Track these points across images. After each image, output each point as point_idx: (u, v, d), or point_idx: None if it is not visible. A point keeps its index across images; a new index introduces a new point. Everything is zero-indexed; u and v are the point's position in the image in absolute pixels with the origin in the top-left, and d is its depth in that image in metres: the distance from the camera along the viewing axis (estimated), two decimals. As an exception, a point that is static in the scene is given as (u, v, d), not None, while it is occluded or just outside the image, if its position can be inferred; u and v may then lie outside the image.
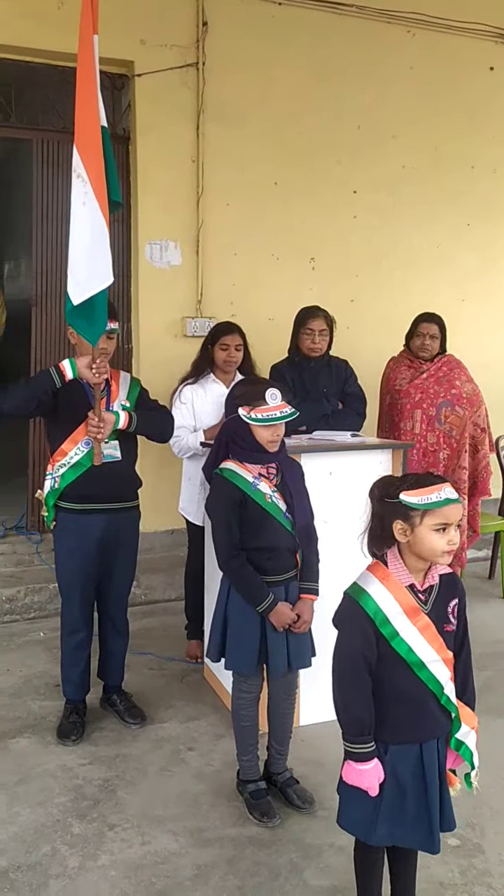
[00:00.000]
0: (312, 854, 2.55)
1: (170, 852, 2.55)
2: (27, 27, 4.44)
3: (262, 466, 2.68)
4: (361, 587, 2.03)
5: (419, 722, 2.01)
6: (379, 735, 2.00)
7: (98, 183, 2.91)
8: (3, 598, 4.49)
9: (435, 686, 2.00)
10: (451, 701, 2.04)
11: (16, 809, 2.75)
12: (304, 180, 5.20)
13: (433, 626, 2.00)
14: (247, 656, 2.69)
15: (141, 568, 4.90)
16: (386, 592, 2.00)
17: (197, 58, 4.80)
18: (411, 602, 1.99)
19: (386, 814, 1.99)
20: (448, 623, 2.04)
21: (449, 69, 5.54)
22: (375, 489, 2.05)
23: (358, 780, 1.97)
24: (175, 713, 3.46)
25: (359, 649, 1.99)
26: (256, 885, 2.41)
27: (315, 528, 2.79)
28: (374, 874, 2.17)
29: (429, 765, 2.00)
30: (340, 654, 2.04)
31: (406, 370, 4.40)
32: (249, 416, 2.59)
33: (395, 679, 1.99)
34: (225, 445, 2.73)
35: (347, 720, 2.01)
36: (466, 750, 2.07)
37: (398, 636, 1.98)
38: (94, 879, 2.42)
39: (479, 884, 2.45)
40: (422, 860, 2.50)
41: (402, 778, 2.00)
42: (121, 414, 3.12)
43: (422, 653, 1.98)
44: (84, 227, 2.94)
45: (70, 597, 3.26)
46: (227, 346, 3.83)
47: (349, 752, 2.00)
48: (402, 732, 2.00)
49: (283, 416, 2.60)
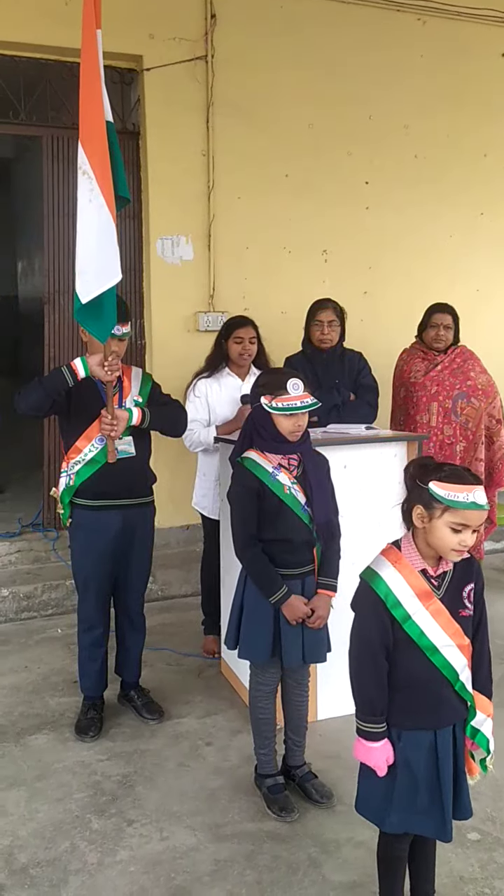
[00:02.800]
0: (331, 849, 2.55)
1: (188, 847, 2.56)
2: (35, 24, 4.43)
3: (283, 457, 2.66)
4: (374, 570, 2.03)
5: (433, 708, 2.00)
6: (393, 720, 2.00)
7: (104, 179, 2.90)
8: (21, 594, 4.51)
9: (449, 672, 1.99)
10: (467, 688, 2.02)
11: (35, 806, 2.77)
12: (315, 172, 5.17)
13: (446, 611, 1.99)
14: (259, 647, 2.68)
15: (157, 563, 4.90)
16: (398, 576, 1.99)
17: (206, 51, 4.77)
18: (423, 586, 1.98)
19: (399, 801, 1.99)
20: (464, 608, 2.02)
21: (460, 57, 5.47)
22: (411, 468, 2.04)
23: (366, 757, 1.99)
24: (192, 709, 3.46)
25: (373, 632, 1.99)
26: (274, 880, 2.41)
27: (339, 524, 2.77)
28: (398, 870, 2.16)
29: (442, 753, 2.00)
30: (356, 636, 2.05)
31: (420, 362, 4.36)
32: (271, 405, 2.58)
33: (408, 663, 1.99)
34: (249, 435, 2.72)
35: (360, 700, 2.03)
36: (482, 738, 2.06)
37: (410, 619, 1.97)
38: (114, 875, 2.43)
39: (499, 878, 2.43)
40: (442, 854, 2.50)
41: (415, 765, 2.00)
42: (133, 410, 3.12)
43: (434, 637, 1.97)
44: (91, 225, 2.93)
45: (86, 593, 3.27)
46: (241, 340, 3.82)
47: (360, 728, 2.01)
48: (415, 718, 2.00)
49: (304, 406, 2.58)
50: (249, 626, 2.71)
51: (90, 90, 2.95)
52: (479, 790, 2.84)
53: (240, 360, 3.86)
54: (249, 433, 2.73)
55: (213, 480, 3.85)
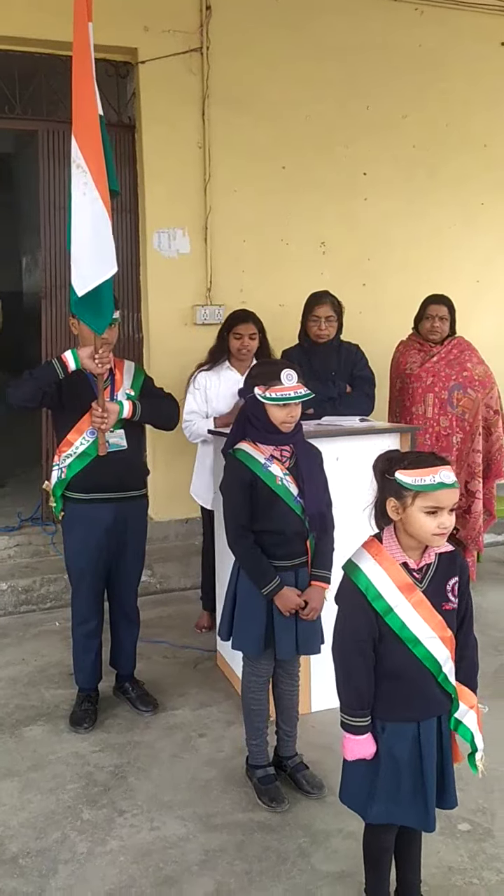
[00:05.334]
0: (321, 839, 2.55)
1: (178, 837, 2.57)
2: (29, 18, 4.42)
3: (276, 448, 2.66)
4: (355, 563, 2.03)
5: (416, 700, 2.00)
6: (377, 712, 2.00)
7: (98, 172, 2.90)
8: (20, 588, 4.54)
9: (432, 664, 1.99)
10: (450, 680, 2.02)
11: (28, 796, 2.78)
12: (312, 164, 5.14)
13: (429, 604, 1.98)
14: (252, 638, 2.69)
15: (156, 557, 4.95)
16: (378, 568, 1.99)
17: (201, 43, 4.76)
18: (405, 578, 1.98)
19: (382, 792, 2.00)
20: (447, 602, 2.02)
21: (459, 46, 5.43)
22: (378, 463, 2.04)
23: (352, 752, 2.00)
24: (187, 700, 3.47)
25: (356, 624, 1.99)
26: (264, 869, 2.42)
27: (332, 516, 2.76)
28: (384, 860, 2.17)
29: (426, 744, 1.99)
30: (339, 629, 2.06)
31: (416, 354, 4.35)
32: (264, 395, 2.58)
33: (391, 656, 1.99)
34: (242, 426, 2.72)
35: (346, 694, 2.02)
36: (465, 730, 2.05)
37: (392, 612, 1.97)
38: (103, 865, 2.44)
39: (488, 868, 2.43)
40: (432, 845, 2.51)
41: (398, 756, 2.00)
42: (125, 403, 3.12)
43: (416, 629, 1.97)
44: (85, 217, 2.93)
45: (80, 586, 3.28)
46: (240, 336, 3.82)
47: (346, 723, 2.01)
48: (399, 710, 2.00)
49: (297, 397, 2.59)
50: (242, 617, 2.72)
51: (83, 84, 2.94)
52: (470, 781, 2.85)
53: (239, 355, 3.87)
54: (242, 424, 2.73)
55: (210, 470, 3.86)
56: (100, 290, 2.93)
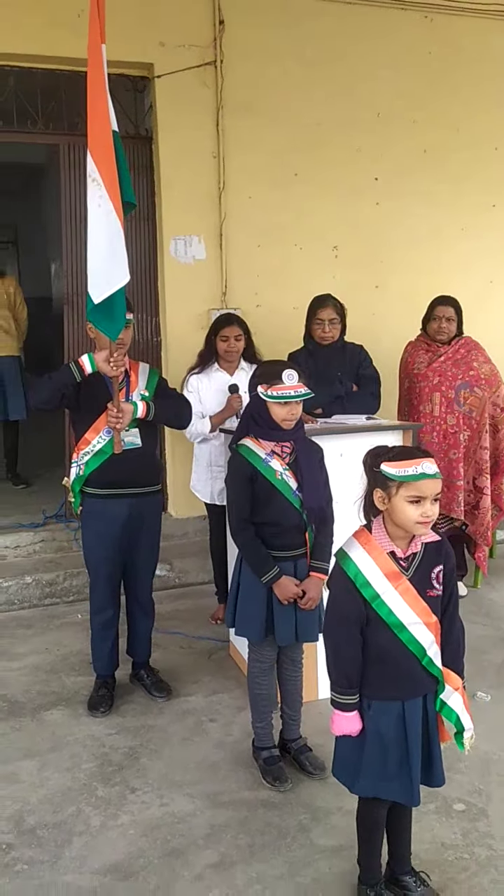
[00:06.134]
0: (321, 816, 2.68)
1: (186, 813, 2.72)
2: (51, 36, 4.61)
3: (277, 444, 2.80)
4: (345, 552, 2.16)
5: (402, 681, 2.12)
6: (364, 691, 2.13)
7: (112, 186, 3.06)
8: (44, 582, 4.72)
9: (416, 648, 2.11)
10: (435, 663, 2.13)
11: (46, 774, 2.95)
12: (324, 170, 5.27)
13: (414, 591, 2.10)
14: (253, 625, 2.83)
15: (175, 552, 5.11)
16: (367, 556, 2.11)
17: (215, 56, 4.91)
18: (392, 567, 2.10)
19: (368, 766, 2.12)
20: (432, 589, 2.13)
21: (468, 51, 5.52)
22: (367, 457, 2.17)
23: (339, 728, 2.13)
24: (200, 687, 3.62)
25: (345, 609, 2.12)
26: (265, 843, 2.56)
27: (332, 511, 2.88)
28: (375, 834, 2.29)
29: (410, 722, 2.11)
30: (329, 612, 2.20)
31: (424, 354, 4.46)
32: (266, 393, 2.72)
33: (378, 640, 2.11)
34: (247, 423, 2.87)
35: (335, 672, 2.15)
36: (450, 711, 2.16)
37: (379, 598, 2.09)
38: (114, 837, 2.60)
39: (479, 845, 2.54)
40: (426, 823, 2.63)
41: (384, 733, 2.12)
42: (139, 404, 3.28)
43: (402, 615, 2.09)
44: (100, 229, 3.09)
45: (97, 578, 3.45)
46: (226, 338, 4.01)
47: (335, 700, 2.15)
48: (384, 689, 2.12)
49: (297, 395, 2.72)
50: (245, 604, 2.86)
51: (97, 101, 3.10)
52: (468, 764, 2.96)
53: (226, 357, 4.06)
54: (247, 421, 2.87)
55: (205, 466, 4.09)
56: (113, 297, 3.09)
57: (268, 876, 2.41)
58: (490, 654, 3.90)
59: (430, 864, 2.44)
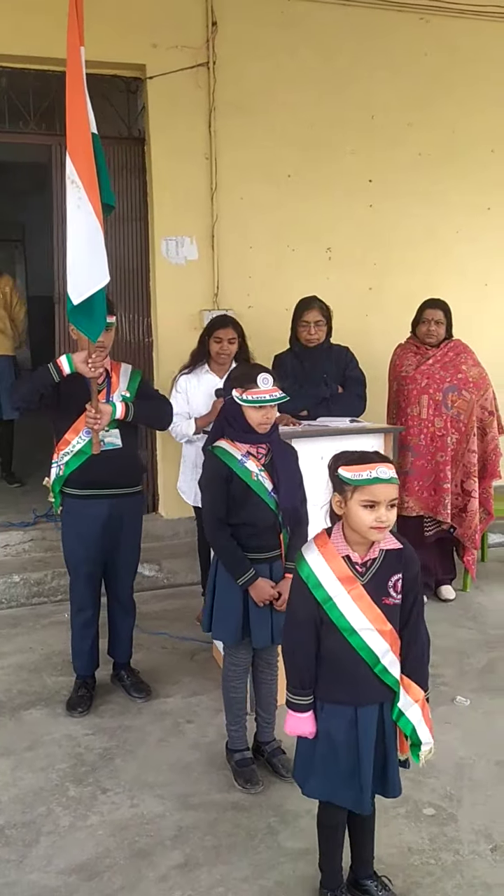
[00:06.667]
0: (290, 819, 2.68)
1: (155, 814, 2.72)
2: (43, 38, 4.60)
3: (252, 446, 2.80)
4: (302, 554, 2.16)
5: (351, 686, 2.11)
6: (316, 693, 2.14)
7: (91, 187, 3.06)
8: (32, 581, 4.74)
9: (367, 654, 2.09)
10: (390, 672, 2.11)
11: (19, 774, 2.96)
12: (318, 172, 5.27)
13: (368, 597, 2.09)
14: (230, 627, 2.83)
15: (164, 553, 5.12)
16: (321, 559, 2.11)
17: (207, 57, 4.92)
18: (346, 571, 2.09)
19: (318, 767, 2.13)
20: (388, 597, 2.11)
21: (464, 53, 5.50)
22: (331, 462, 2.16)
23: (294, 728, 2.15)
24: (180, 689, 3.63)
25: (299, 610, 2.13)
26: (232, 845, 2.56)
27: (306, 512, 2.88)
28: (335, 836, 2.29)
29: (363, 729, 2.11)
30: (288, 612, 2.22)
31: (412, 356, 4.45)
32: (241, 397, 2.72)
33: (328, 642, 2.11)
34: (222, 426, 2.87)
35: (290, 672, 2.17)
36: (406, 722, 2.13)
37: (330, 601, 2.09)
38: (82, 837, 2.61)
39: (446, 850, 2.54)
40: (395, 827, 2.63)
41: (334, 736, 2.12)
42: (117, 405, 3.29)
43: (353, 620, 2.08)
44: (80, 230, 3.09)
45: (77, 577, 3.46)
46: (220, 340, 3.98)
47: (289, 701, 2.15)
48: (335, 693, 2.12)
49: (272, 399, 2.72)
50: (221, 607, 2.86)
51: (75, 104, 3.10)
52: (440, 769, 2.95)
53: (218, 359, 4.03)
54: (221, 424, 2.87)
55: (191, 466, 4.06)
56: (93, 299, 3.09)
57: (231, 878, 2.42)
58: (473, 659, 3.89)
59: (395, 869, 2.43)
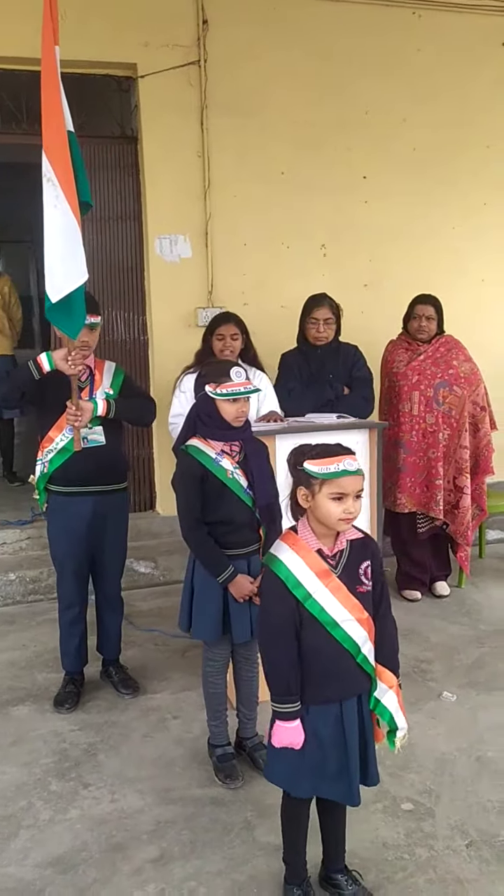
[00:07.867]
0: (268, 814, 2.68)
1: (134, 809, 2.74)
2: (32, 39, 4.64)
3: (226, 444, 2.81)
4: (274, 555, 2.15)
5: (337, 680, 2.11)
6: (303, 696, 2.11)
7: (67, 185, 3.08)
8: (28, 579, 4.78)
9: (350, 645, 2.10)
10: (369, 660, 2.13)
11: (2, 768, 2.99)
12: (312, 168, 5.25)
13: (345, 588, 2.10)
14: (210, 625, 2.84)
15: (160, 550, 5.14)
16: (296, 557, 2.11)
17: (199, 55, 4.92)
18: (322, 565, 2.10)
19: (308, 769, 2.13)
20: (361, 584, 2.13)
21: (459, 48, 5.46)
22: (290, 457, 2.17)
23: (284, 740, 2.10)
24: (168, 685, 3.64)
25: (278, 614, 2.11)
26: (208, 840, 2.57)
27: (279, 506, 2.88)
28: (299, 827, 2.29)
29: (348, 722, 2.12)
30: (262, 620, 2.18)
31: (404, 353, 4.44)
32: (215, 392, 2.73)
33: (311, 639, 2.10)
34: (193, 423, 2.88)
35: (274, 682, 2.13)
36: (384, 709, 2.15)
37: (311, 598, 2.09)
38: (60, 831, 2.63)
39: (421, 845, 2.53)
40: (371, 822, 2.63)
41: (322, 736, 2.12)
42: (99, 402, 3.30)
43: (334, 613, 2.09)
44: (57, 229, 3.11)
45: (63, 574, 3.48)
46: (222, 337, 3.93)
47: (277, 711, 2.12)
48: (321, 691, 2.11)
49: (246, 392, 2.73)
50: (199, 606, 2.86)
51: (51, 102, 3.13)
52: (422, 764, 2.95)
53: (222, 357, 3.97)
54: (193, 422, 2.87)
55: None
56: (71, 297, 3.11)
57: (205, 872, 2.43)
58: (462, 654, 3.87)
59: (369, 863, 2.44)
